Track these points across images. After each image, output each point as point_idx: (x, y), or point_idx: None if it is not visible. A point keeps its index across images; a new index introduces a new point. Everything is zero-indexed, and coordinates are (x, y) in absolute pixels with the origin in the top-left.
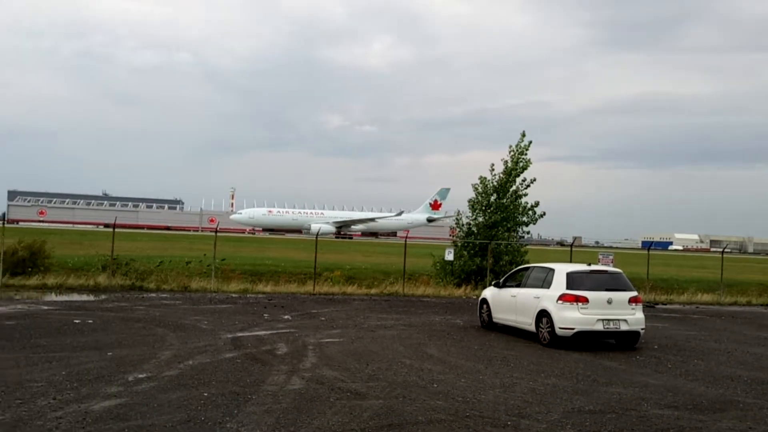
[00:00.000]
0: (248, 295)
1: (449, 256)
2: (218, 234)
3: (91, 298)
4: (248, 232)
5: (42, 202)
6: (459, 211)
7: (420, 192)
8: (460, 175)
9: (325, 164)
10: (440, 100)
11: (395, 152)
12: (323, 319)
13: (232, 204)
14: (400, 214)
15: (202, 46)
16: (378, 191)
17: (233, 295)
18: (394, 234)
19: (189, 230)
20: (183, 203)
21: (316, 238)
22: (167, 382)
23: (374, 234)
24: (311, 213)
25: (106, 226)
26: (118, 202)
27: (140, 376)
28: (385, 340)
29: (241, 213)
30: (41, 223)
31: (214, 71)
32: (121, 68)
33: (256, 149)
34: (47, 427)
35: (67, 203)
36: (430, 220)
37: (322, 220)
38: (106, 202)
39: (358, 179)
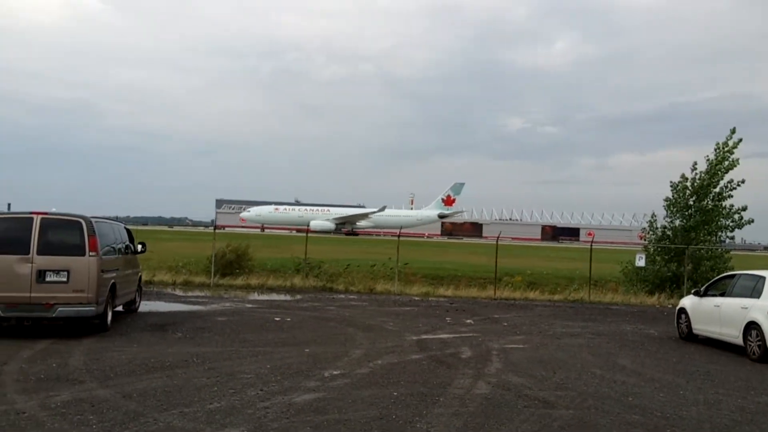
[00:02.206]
0: (430, 299)
1: (640, 261)
2: (399, 238)
3: (288, 297)
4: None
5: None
6: (654, 213)
7: (606, 193)
8: (649, 174)
9: (504, 167)
10: (628, 96)
11: (579, 153)
12: (506, 324)
13: (412, 209)
14: (383, 209)
15: (385, 57)
16: (560, 194)
17: (415, 298)
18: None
19: (372, 234)
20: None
21: (497, 242)
22: (359, 380)
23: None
24: (317, 210)
25: (298, 230)
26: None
27: (335, 372)
28: (572, 348)
29: (249, 211)
30: (243, 229)
31: (396, 80)
32: (311, 82)
33: (435, 154)
34: (257, 416)
35: None
36: (441, 216)
37: (325, 218)
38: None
39: (540, 182)
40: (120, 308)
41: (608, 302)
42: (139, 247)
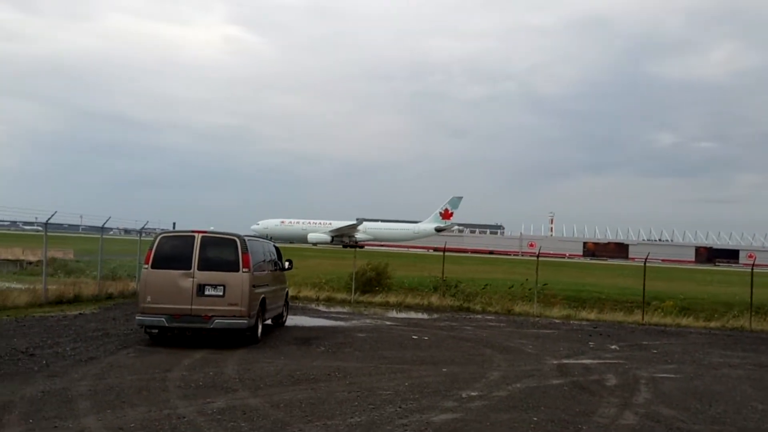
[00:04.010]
0: (571, 321)
1: None
2: (539, 258)
3: (425, 316)
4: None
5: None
6: None
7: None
8: None
9: (654, 185)
10: None
11: (739, 169)
12: (655, 351)
13: (551, 229)
14: (360, 222)
15: (529, 74)
16: (717, 213)
17: (556, 321)
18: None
19: (510, 254)
20: (503, 228)
21: (645, 263)
22: (497, 402)
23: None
24: (319, 223)
25: (435, 249)
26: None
27: (472, 393)
28: (731, 380)
29: (258, 224)
30: (381, 247)
31: (540, 98)
32: (452, 103)
33: (578, 173)
34: None
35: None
36: (438, 230)
37: (323, 231)
38: None
39: (694, 201)
40: (269, 322)
41: None
42: (287, 264)
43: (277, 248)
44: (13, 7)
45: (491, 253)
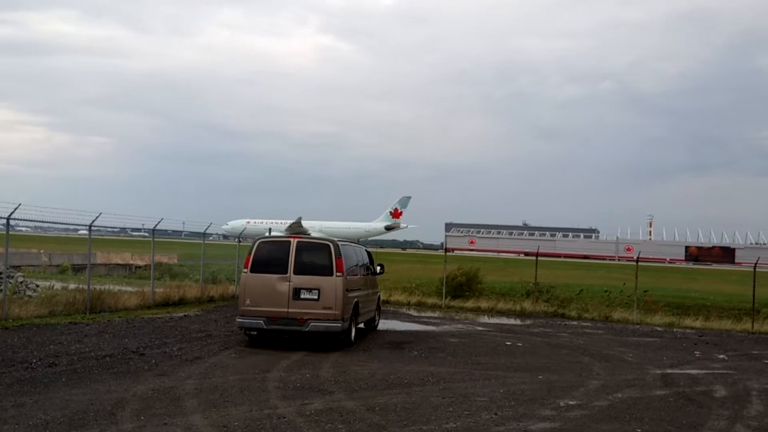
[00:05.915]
0: (674, 330)
1: None
2: (638, 263)
3: (518, 322)
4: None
5: (472, 232)
6: None
7: None
8: None
9: (762, 186)
10: None
11: None
12: (767, 362)
13: (650, 232)
14: (298, 220)
15: (627, 72)
16: None
17: (657, 329)
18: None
19: (605, 259)
20: (598, 232)
21: (754, 269)
22: (598, 412)
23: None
24: (281, 223)
25: (526, 254)
26: (536, 232)
27: (571, 402)
28: None
29: (227, 224)
30: (471, 252)
31: (638, 96)
32: (545, 104)
33: (678, 173)
34: None
35: (492, 233)
36: (388, 228)
37: (281, 230)
38: (525, 231)
39: None
40: (362, 325)
41: None
42: (378, 268)
43: (369, 253)
44: (124, 27)
45: (585, 257)
